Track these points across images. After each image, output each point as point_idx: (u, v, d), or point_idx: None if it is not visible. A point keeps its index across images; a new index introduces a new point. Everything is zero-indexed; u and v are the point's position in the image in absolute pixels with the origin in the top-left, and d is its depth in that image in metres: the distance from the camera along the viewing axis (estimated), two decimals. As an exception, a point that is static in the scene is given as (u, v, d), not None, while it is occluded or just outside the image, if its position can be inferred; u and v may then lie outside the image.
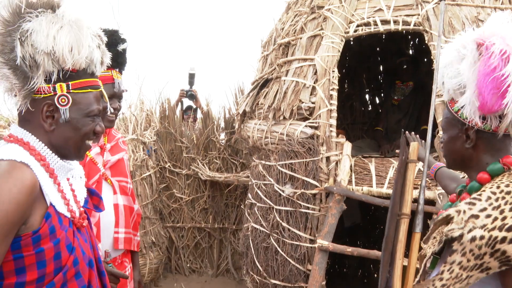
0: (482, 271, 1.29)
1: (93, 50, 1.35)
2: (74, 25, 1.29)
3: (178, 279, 5.79)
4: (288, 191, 3.47)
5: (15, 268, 1.20)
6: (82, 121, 1.35)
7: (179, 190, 5.89)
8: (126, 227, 2.44)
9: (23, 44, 1.24)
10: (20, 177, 1.20)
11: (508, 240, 1.24)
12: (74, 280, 1.32)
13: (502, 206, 1.29)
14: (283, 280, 3.44)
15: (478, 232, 1.28)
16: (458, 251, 1.30)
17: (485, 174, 1.42)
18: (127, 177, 2.55)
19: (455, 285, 1.32)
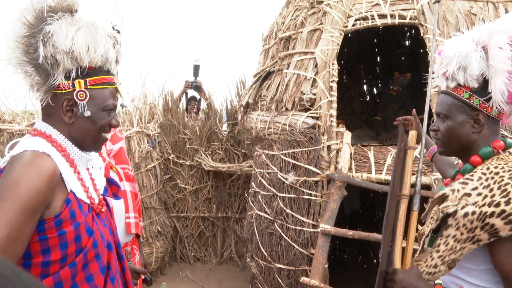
0: (473, 243, 1.44)
1: (108, 49, 1.46)
2: (91, 26, 1.41)
3: (183, 268, 5.93)
4: (291, 178, 3.61)
5: (41, 249, 1.32)
6: (99, 114, 1.46)
7: (183, 180, 6.02)
8: (134, 212, 2.58)
9: (45, 44, 1.37)
10: (41, 166, 1.32)
11: (496, 214, 1.39)
12: (95, 261, 1.43)
13: (491, 185, 1.45)
14: (288, 264, 3.59)
15: (470, 208, 1.43)
16: (453, 226, 1.47)
17: (477, 157, 1.57)
18: (128, 164, 2.68)
19: (450, 256, 1.48)
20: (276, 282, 3.69)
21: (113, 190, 1.68)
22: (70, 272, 1.36)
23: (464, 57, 1.56)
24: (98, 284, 1.43)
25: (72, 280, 1.37)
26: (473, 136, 1.59)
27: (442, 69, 1.65)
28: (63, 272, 1.35)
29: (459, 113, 1.59)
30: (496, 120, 1.58)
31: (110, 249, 1.51)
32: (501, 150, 1.55)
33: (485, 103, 1.56)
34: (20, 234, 1.24)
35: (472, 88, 1.57)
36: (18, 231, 1.23)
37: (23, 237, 1.25)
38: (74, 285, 1.38)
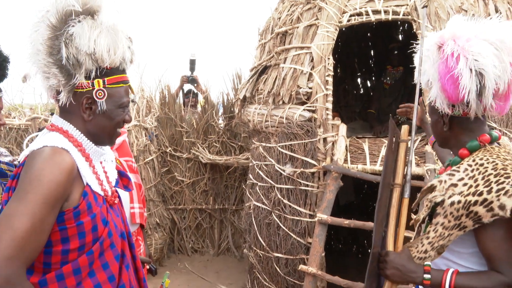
0: (460, 230, 1.55)
1: (125, 50, 1.55)
2: (111, 29, 1.49)
3: (181, 259, 6.03)
4: (288, 170, 3.71)
5: (60, 238, 1.41)
6: (116, 111, 1.55)
7: (180, 173, 6.09)
8: (139, 202, 2.67)
9: (68, 46, 1.44)
10: (60, 161, 1.39)
11: (479, 202, 1.50)
12: (110, 250, 1.52)
13: (476, 176, 1.56)
14: (285, 253, 3.70)
15: (456, 197, 1.55)
16: (441, 214, 1.58)
17: (465, 150, 1.67)
18: (131, 156, 2.76)
19: (439, 242, 1.59)
20: (274, 271, 3.80)
21: (123, 182, 1.77)
22: (88, 259, 1.44)
23: (421, 63, 1.70)
24: (113, 271, 1.51)
25: (90, 267, 1.45)
26: (446, 133, 1.72)
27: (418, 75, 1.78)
28: (81, 260, 1.43)
29: (432, 113, 1.75)
30: (464, 118, 1.66)
31: (123, 238, 1.60)
32: (487, 144, 1.65)
33: None
34: (43, 225, 1.32)
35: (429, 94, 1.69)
36: (40, 222, 1.31)
37: (45, 227, 1.33)
38: (91, 272, 1.46)
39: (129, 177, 1.81)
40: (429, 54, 1.65)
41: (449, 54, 1.56)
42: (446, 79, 1.57)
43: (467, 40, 1.57)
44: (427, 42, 1.67)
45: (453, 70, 1.55)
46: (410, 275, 1.60)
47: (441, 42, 1.61)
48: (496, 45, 1.57)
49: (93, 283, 1.46)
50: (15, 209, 1.30)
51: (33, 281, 1.38)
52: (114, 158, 1.77)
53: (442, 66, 1.59)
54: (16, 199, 1.32)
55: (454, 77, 1.56)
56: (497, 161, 1.57)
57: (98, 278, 1.47)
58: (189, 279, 5.38)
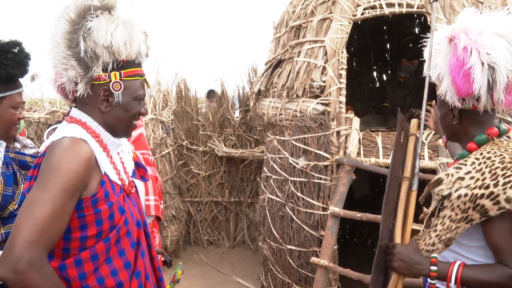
0: (467, 222, 1.57)
1: (141, 44, 1.60)
2: (127, 23, 1.54)
3: (197, 251, 6.13)
4: (301, 163, 3.75)
5: (79, 225, 1.47)
6: (132, 103, 1.60)
7: (196, 166, 6.18)
8: (154, 195, 2.72)
9: (86, 40, 1.49)
10: (79, 151, 1.45)
11: (486, 196, 1.52)
12: (126, 238, 1.57)
13: (483, 169, 1.57)
14: (298, 245, 3.74)
15: (463, 191, 1.56)
16: (448, 207, 1.60)
17: (473, 144, 1.68)
18: (148, 149, 2.82)
19: (446, 235, 1.61)
20: (287, 263, 3.85)
21: (140, 172, 1.82)
22: (105, 246, 1.50)
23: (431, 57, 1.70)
24: (129, 258, 1.57)
25: (106, 254, 1.51)
26: (455, 126, 1.73)
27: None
28: (98, 246, 1.49)
29: (442, 106, 1.75)
30: (473, 111, 1.67)
31: (139, 227, 1.65)
32: (495, 137, 1.66)
33: None
34: (62, 212, 1.38)
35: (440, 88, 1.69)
36: (60, 209, 1.37)
37: (64, 214, 1.40)
38: (108, 259, 1.52)
39: (146, 168, 1.86)
40: (440, 47, 1.65)
41: (461, 48, 1.56)
42: (457, 73, 1.57)
43: (479, 34, 1.57)
44: (438, 35, 1.67)
45: (465, 64, 1.55)
46: (416, 267, 1.61)
47: (452, 36, 1.61)
48: (508, 38, 1.57)
49: (109, 269, 1.52)
50: (37, 197, 1.37)
51: (53, 266, 1.44)
52: (131, 150, 1.82)
53: (453, 60, 1.59)
54: (37, 188, 1.39)
55: (465, 71, 1.55)
56: (504, 154, 1.58)
57: (114, 265, 1.53)
58: (204, 271, 5.47)
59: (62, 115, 4.63)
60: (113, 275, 1.53)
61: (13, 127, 2.07)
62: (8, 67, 1.92)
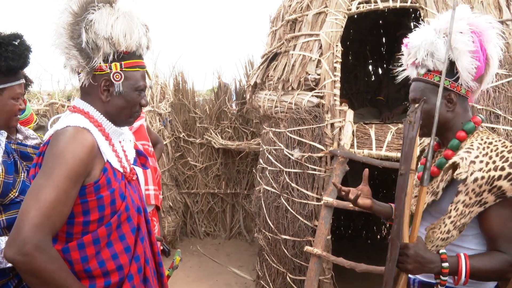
0: (480, 206, 1.60)
1: (141, 36, 1.66)
2: (127, 16, 1.60)
3: (194, 242, 6.20)
4: (296, 154, 3.82)
5: (82, 210, 1.53)
6: (132, 94, 1.66)
7: (193, 158, 6.24)
8: (154, 185, 2.78)
9: (87, 31, 1.55)
10: (82, 139, 1.51)
11: (503, 177, 1.56)
12: (127, 223, 1.64)
13: (489, 153, 1.62)
14: (293, 235, 3.82)
15: (479, 174, 1.58)
16: (463, 192, 1.61)
17: (462, 132, 1.73)
18: (148, 140, 2.87)
19: (460, 221, 1.63)
20: (282, 252, 3.93)
21: (141, 160, 1.89)
22: (106, 231, 1.57)
23: (430, 44, 1.72)
24: (129, 242, 1.64)
25: (108, 238, 1.58)
26: (448, 114, 1.74)
27: (411, 59, 1.79)
28: (100, 231, 1.56)
29: (433, 95, 1.73)
30: (465, 97, 1.75)
31: (139, 213, 1.72)
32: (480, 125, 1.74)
33: (454, 83, 1.72)
34: (66, 197, 1.45)
35: (441, 71, 1.71)
36: (64, 194, 1.44)
37: (68, 199, 1.46)
38: (109, 243, 1.59)
39: (147, 156, 1.92)
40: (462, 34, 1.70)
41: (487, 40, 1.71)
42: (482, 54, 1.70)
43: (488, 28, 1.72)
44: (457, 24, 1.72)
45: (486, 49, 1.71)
46: (429, 265, 1.58)
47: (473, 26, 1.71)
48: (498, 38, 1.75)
49: (110, 253, 1.59)
50: (42, 183, 1.43)
51: (57, 249, 1.51)
52: (132, 138, 1.88)
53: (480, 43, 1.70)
54: (42, 174, 1.45)
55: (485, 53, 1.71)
56: (502, 139, 1.66)
57: (115, 249, 1.60)
58: (201, 261, 5.54)
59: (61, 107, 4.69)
60: (113, 259, 1.59)
61: (13, 117, 2.11)
62: (8, 59, 1.97)
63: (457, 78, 1.73)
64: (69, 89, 6.00)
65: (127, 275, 1.62)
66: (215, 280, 4.98)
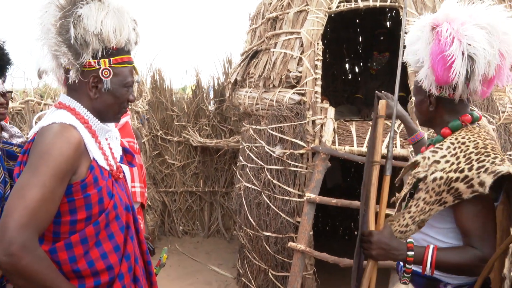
0: (440, 205, 1.62)
1: (131, 32, 1.62)
2: (117, 11, 1.56)
3: (172, 241, 6.14)
4: (278, 151, 3.83)
5: (69, 209, 1.49)
6: (120, 90, 1.62)
7: (171, 156, 6.19)
8: (140, 182, 2.75)
9: (76, 26, 1.51)
10: (69, 136, 1.47)
11: (460, 179, 1.57)
12: (115, 221, 1.60)
13: (457, 154, 1.63)
14: (275, 232, 3.83)
15: (439, 174, 1.61)
16: (423, 190, 1.64)
17: (447, 129, 1.74)
18: (133, 137, 2.83)
19: (420, 217, 1.65)
20: (264, 249, 3.93)
21: (128, 158, 1.85)
22: (94, 229, 1.53)
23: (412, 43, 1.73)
24: (118, 241, 1.60)
25: (96, 237, 1.54)
26: (431, 113, 1.77)
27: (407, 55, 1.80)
28: (88, 230, 1.52)
29: (418, 93, 1.79)
30: (449, 99, 1.72)
31: (128, 211, 1.69)
32: (468, 123, 1.72)
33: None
34: (52, 196, 1.41)
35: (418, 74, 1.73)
36: (50, 193, 1.40)
37: (55, 198, 1.42)
38: (98, 242, 1.55)
39: (133, 154, 1.89)
40: (422, 34, 1.68)
41: (444, 37, 1.59)
42: (438, 61, 1.61)
43: (462, 24, 1.61)
44: (420, 22, 1.71)
45: (445, 52, 1.58)
46: (394, 252, 1.63)
47: (435, 24, 1.65)
48: (488, 30, 1.61)
49: (99, 252, 1.55)
50: (27, 181, 1.39)
51: (44, 249, 1.46)
52: (119, 136, 1.84)
53: (435, 47, 1.62)
54: (27, 172, 1.41)
55: (445, 59, 1.58)
56: (478, 140, 1.64)
57: (104, 248, 1.56)
58: (180, 260, 5.50)
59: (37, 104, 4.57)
60: (103, 258, 1.56)
61: None
62: None
63: None
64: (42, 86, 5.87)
65: (117, 274, 1.59)
66: (195, 279, 4.96)
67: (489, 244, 1.58)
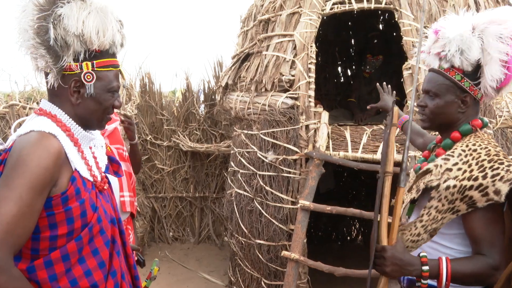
0: (453, 213, 1.59)
1: (115, 33, 1.51)
2: (100, 11, 1.45)
3: (162, 247, 6.03)
4: (270, 157, 3.74)
5: (48, 224, 1.38)
6: (104, 95, 1.51)
7: (161, 161, 6.08)
8: (129, 191, 2.64)
9: (56, 27, 1.40)
10: (48, 146, 1.37)
11: (474, 187, 1.54)
12: (99, 236, 1.50)
13: (469, 161, 1.60)
14: (268, 239, 3.73)
15: (452, 182, 1.58)
16: (435, 198, 1.61)
17: (457, 133, 1.70)
18: (123, 144, 2.72)
19: (432, 225, 1.62)
20: (256, 257, 3.84)
21: (114, 168, 1.74)
22: (76, 245, 1.43)
23: (464, 41, 1.64)
24: (103, 257, 1.50)
25: (79, 253, 1.44)
26: (458, 115, 1.71)
27: (437, 49, 1.71)
28: (69, 246, 1.41)
29: (448, 93, 1.69)
30: (478, 101, 1.71)
31: (113, 224, 1.58)
32: (478, 128, 1.70)
33: (474, 86, 1.67)
34: (30, 210, 1.31)
35: (465, 71, 1.66)
36: (28, 207, 1.30)
37: (33, 212, 1.32)
38: (81, 259, 1.45)
39: (120, 163, 1.78)
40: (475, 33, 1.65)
41: None
42: None
43: None
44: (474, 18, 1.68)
45: None
46: (408, 268, 1.56)
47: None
48: None
49: (83, 270, 1.45)
50: (2, 195, 1.29)
51: (21, 268, 1.36)
52: (104, 144, 1.74)
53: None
54: (2, 185, 1.31)
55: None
56: (489, 147, 1.62)
57: (88, 265, 1.46)
58: (170, 267, 5.39)
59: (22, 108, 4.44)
60: (87, 276, 1.46)
61: None
62: None
63: (479, 82, 1.68)
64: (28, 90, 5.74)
65: None
66: (185, 286, 4.85)
67: (499, 251, 1.56)
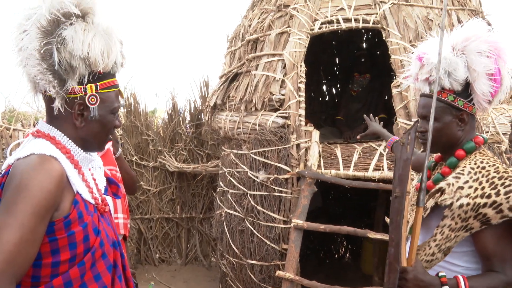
0: (466, 231, 1.60)
1: (118, 54, 1.49)
2: (105, 33, 1.42)
3: (149, 269, 5.90)
4: (262, 177, 3.72)
5: (50, 250, 1.34)
6: (108, 117, 1.48)
7: (147, 182, 5.99)
8: (123, 213, 2.59)
9: (59, 50, 1.36)
10: (50, 169, 1.33)
11: (488, 204, 1.55)
12: (102, 260, 1.45)
13: (480, 179, 1.61)
14: (260, 259, 3.69)
15: (465, 200, 1.59)
16: (449, 216, 1.61)
17: (461, 151, 1.73)
18: (116, 165, 2.68)
19: (445, 244, 1.62)
20: (249, 278, 3.79)
21: (112, 189, 1.70)
22: (79, 271, 1.38)
23: (449, 64, 1.69)
24: (106, 282, 1.45)
25: (81, 279, 1.39)
26: (458, 133, 1.74)
27: (425, 75, 1.76)
28: (72, 272, 1.37)
29: (445, 114, 1.72)
30: (473, 115, 1.75)
31: (115, 248, 1.54)
32: (481, 145, 1.73)
33: (468, 103, 1.71)
34: (33, 237, 1.27)
35: (456, 91, 1.71)
36: (30, 234, 1.25)
37: (35, 239, 1.28)
38: (83, 285, 1.40)
39: (118, 184, 1.75)
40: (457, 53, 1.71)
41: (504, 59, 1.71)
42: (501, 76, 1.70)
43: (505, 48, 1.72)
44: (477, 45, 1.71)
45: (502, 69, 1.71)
46: None
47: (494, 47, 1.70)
48: None
49: None
50: (3, 221, 1.24)
51: None
52: (102, 165, 1.71)
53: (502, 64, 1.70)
54: (3, 211, 1.26)
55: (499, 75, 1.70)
56: (496, 164, 1.65)
57: None
58: (158, 290, 5.29)
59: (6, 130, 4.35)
60: None
61: None
62: None
63: (471, 98, 1.72)
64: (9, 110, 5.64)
65: None
66: (174, 310, 4.76)
67: (511, 267, 1.57)
